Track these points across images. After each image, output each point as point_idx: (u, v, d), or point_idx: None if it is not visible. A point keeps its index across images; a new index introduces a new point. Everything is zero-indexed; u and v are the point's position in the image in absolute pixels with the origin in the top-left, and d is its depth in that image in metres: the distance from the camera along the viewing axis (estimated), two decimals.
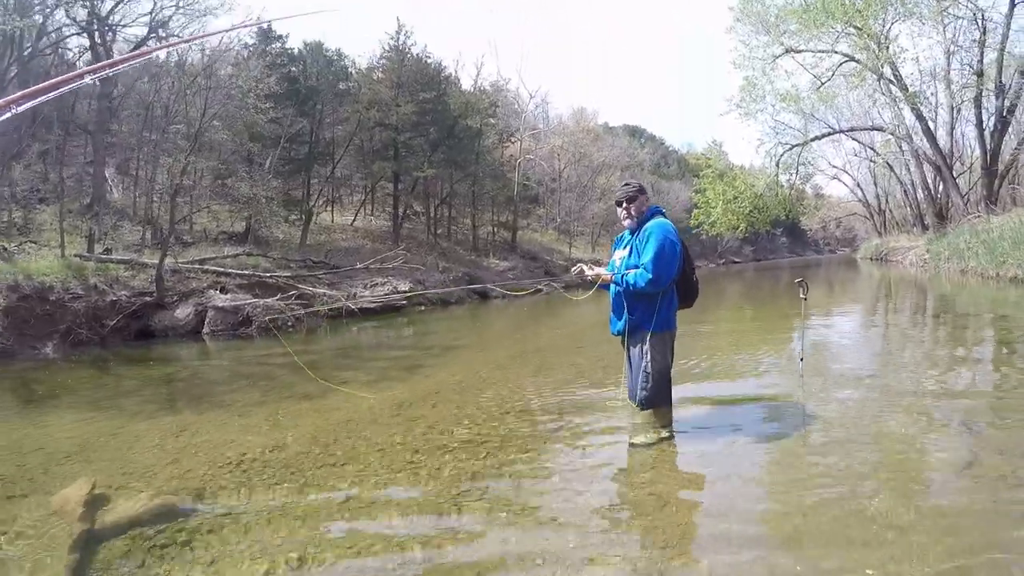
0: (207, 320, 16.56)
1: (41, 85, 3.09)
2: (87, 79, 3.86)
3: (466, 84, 41.84)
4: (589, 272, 5.42)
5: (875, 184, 56.01)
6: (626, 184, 5.39)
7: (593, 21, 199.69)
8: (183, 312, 16.68)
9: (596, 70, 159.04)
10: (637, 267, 5.03)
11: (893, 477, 3.99)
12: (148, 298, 16.64)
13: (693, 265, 5.46)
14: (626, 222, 5.30)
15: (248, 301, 17.02)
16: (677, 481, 4.24)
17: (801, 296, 6.70)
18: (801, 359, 6.65)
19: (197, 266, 18.77)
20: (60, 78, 3.11)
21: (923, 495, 3.76)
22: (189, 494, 4.56)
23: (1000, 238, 20.74)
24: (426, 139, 32.97)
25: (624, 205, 5.25)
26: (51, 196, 21.07)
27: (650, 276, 4.89)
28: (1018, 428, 4.78)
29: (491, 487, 4.30)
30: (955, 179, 32.51)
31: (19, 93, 3.04)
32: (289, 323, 16.68)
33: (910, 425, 4.98)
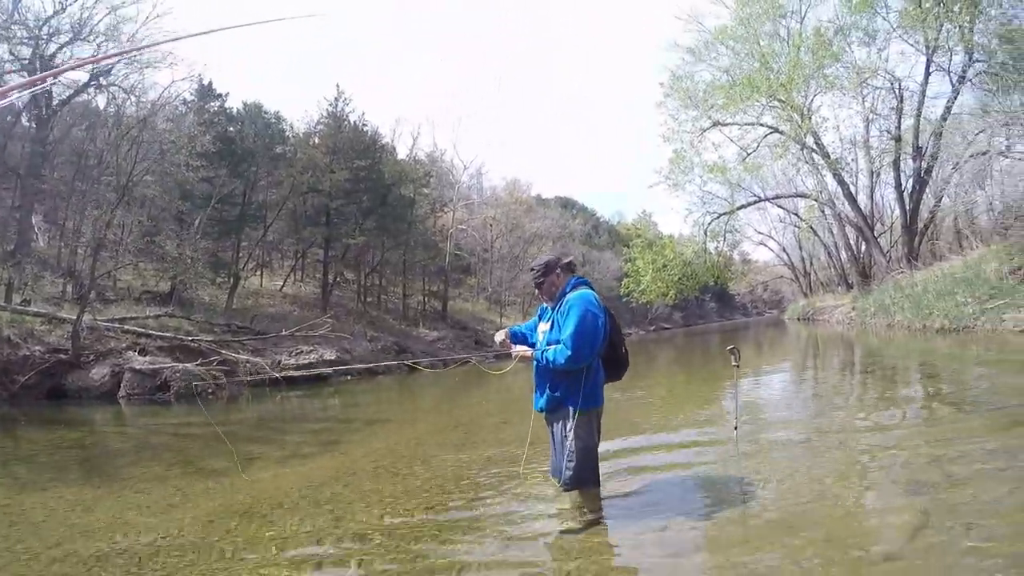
0: (124, 383, 16.13)
1: None
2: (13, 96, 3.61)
3: (402, 153, 42.39)
4: (513, 350, 5.17)
5: (800, 248, 58.78)
6: (531, 270, 5.21)
7: (529, 99, 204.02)
8: (99, 373, 16.23)
9: (532, 144, 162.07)
10: (559, 342, 4.81)
11: (841, 556, 3.63)
12: (63, 355, 16.17)
13: (622, 336, 5.22)
14: (545, 302, 5.18)
15: (167, 365, 16.66)
16: (606, 571, 3.90)
17: (733, 364, 6.70)
18: (736, 428, 6.58)
19: (117, 325, 18.33)
20: None
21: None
22: None
23: (924, 291, 21.64)
24: (358, 207, 33.10)
25: (536, 293, 5.16)
26: None
27: (569, 353, 4.66)
28: (966, 484, 4.60)
29: None
30: (877, 239, 34.43)
31: None
32: (209, 390, 16.37)
33: (853, 490, 4.79)
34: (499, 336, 5.36)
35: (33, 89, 3.98)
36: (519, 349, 5.17)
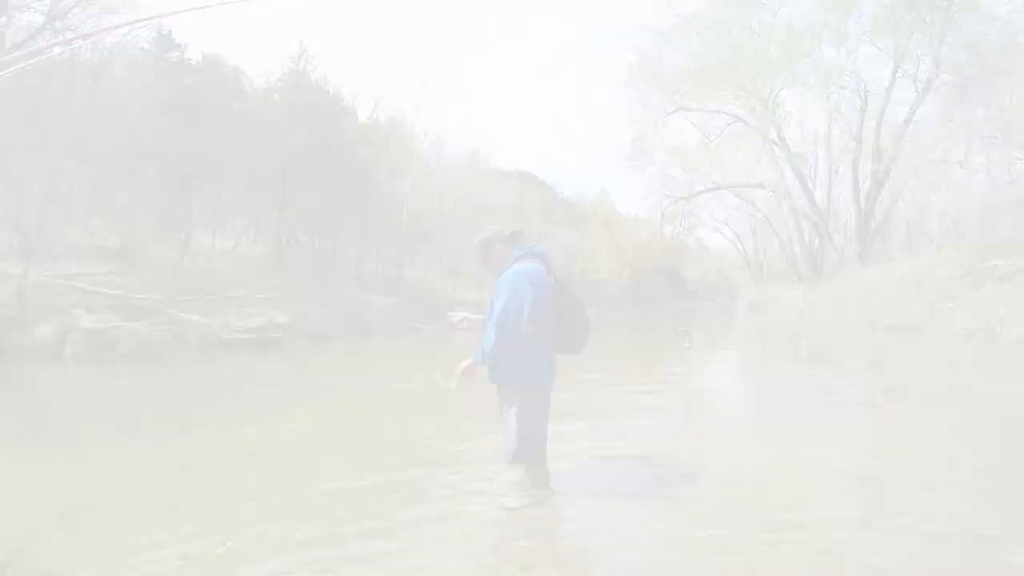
0: (69, 342, 15.80)
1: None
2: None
3: (363, 115, 41.79)
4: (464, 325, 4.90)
5: (754, 237, 59.17)
6: (476, 245, 4.92)
7: (494, 71, 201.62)
8: (44, 331, 15.84)
9: (492, 116, 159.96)
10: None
11: (793, 540, 3.70)
12: (8, 313, 15.78)
13: (581, 311, 4.78)
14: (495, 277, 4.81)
15: (115, 324, 16.38)
16: (552, 549, 3.88)
17: (686, 346, 6.82)
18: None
19: (64, 281, 17.91)
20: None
21: (831, 555, 3.51)
22: (6, 552, 4.03)
23: (875, 289, 22.22)
24: (316, 168, 32.58)
25: (481, 267, 4.96)
26: None
27: (493, 339, 4.46)
28: (911, 480, 4.71)
29: (339, 556, 3.83)
30: (830, 234, 35.45)
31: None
32: (156, 350, 16.16)
33: (805, 479, 4.81)
34: (456, 316, 5.20)
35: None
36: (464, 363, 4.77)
